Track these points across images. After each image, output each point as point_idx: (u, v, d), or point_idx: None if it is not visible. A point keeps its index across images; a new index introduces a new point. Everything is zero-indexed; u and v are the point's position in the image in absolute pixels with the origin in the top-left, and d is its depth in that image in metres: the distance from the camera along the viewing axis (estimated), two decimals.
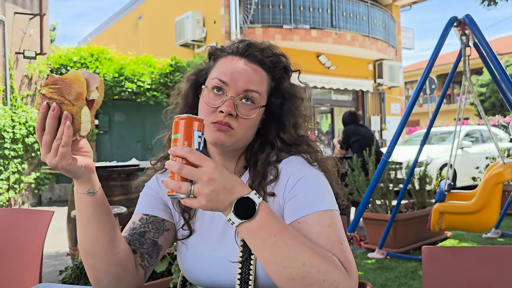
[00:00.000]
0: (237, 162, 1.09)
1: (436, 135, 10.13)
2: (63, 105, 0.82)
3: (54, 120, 0.82)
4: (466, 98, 4.07)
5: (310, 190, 0.96)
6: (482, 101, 19.40)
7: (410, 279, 3.51)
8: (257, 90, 1.02)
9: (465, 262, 1.23)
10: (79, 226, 0.94)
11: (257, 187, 1.02)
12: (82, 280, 2.30)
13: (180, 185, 0.78)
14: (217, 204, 0.79)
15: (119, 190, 3.74)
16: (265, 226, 0.81)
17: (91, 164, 0.91)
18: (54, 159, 0.83)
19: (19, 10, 8.67)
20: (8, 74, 8.30)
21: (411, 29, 16.42)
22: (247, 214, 0.80)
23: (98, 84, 0.86)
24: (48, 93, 0.83)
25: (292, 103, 1.09)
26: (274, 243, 0.81)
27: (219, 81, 1.01)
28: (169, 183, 0.79)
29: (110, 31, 17.10)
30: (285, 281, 0.81)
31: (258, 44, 1.07)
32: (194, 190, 0.77)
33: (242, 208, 0.80)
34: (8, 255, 1.63)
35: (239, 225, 0.81)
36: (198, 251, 1.06)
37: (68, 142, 0.82)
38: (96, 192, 0.92)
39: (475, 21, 3.54)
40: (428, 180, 4.76)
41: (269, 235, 0.81)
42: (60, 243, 4.77)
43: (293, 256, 0.80)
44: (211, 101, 1.01)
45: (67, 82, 0.83)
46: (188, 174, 0.77)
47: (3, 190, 7.89)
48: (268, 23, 11.20)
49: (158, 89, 9.54)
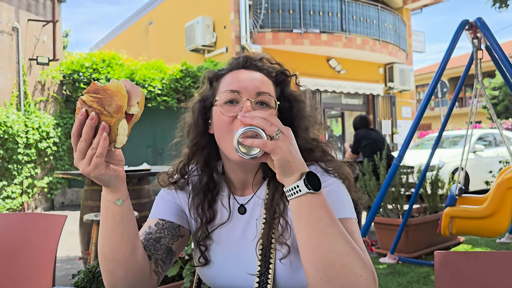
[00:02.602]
0: (256, 174, 1.08)
1: (448, 139, 10.03)
2: (102, 115, 0.81)
3: (91, 129, 0.81)
4: (478, 101, 4.02)
5: (330, 198, 0.95)
6: (495, 104, 19.19)
7: (423, 285, 3.48)
8: (268, 91, 1.02)
9: (479, 267, 1.22)
10: (102, 232, 0.94)
11: (278, 200, 1.01)
12: (94, 284, 2.32)
13: (272, 121, 0.82)
14: (293, 159, 0.82)
15: (131, 194, 3.68)
16: (325, 205, 0.84)
17: (123, 174, 0.91)
18: (87, 168, 0.83)
19: (33, 17, 8.80)
20: (22, 80, 8.42)
21: (422, 32, 16.30)
22: (316, 185, 0.83)
23: (139, 99, 0.85)
24: (88, 101, 0.82)
25: (299, 106, 1.09)
26: (329, 224, 0.82)
27: (231, 92, 1.00)
28: (255, 141, 0.82)
29: (122, 37, 17.26)
30: (323, 266, 0.80)
31: (254, 56, 1.09)
32: (280, 134, 0.82)
33: (313, 180, 0.83)
34: (22, 259, 1.65)
35: (302, 195, 0.83)
36: (217, 263, 1.07)
37: (103, 153, 0.82)
38: (124, 201, 0.92)
39: (486, 24, 3.51)
40: (440, 184, 4.71)
41: (326, 214, 0.83)
42: (72, 247, 4.81)
43: (341, 242, 0.81)
44: (228, 111, 0.99)
45: (109, 93, 0.82)
46: (276, 121, 0.83)
47: (16, 195, 7.98)
48: (278, 28, 11.21)
49: (169, 94, 9.59)
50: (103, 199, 0.92)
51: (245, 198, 1.09)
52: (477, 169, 8.18)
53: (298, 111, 1.08)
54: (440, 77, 3.71)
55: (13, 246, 1.67)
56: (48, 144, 8.51)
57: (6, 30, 8.34)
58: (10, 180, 7.97)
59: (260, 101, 1.00)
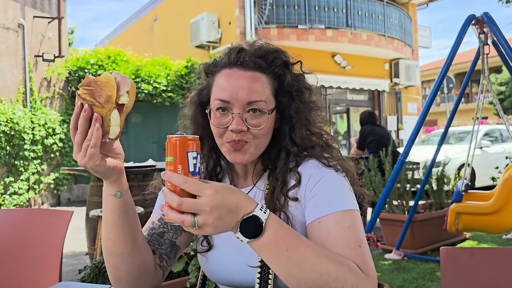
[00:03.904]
0: (255, 166, 1.09)
1: (454, 135, 9.98)
2: (94, 107, 0.84)
3: (85, 121, 0.83)
4: (484, 97, 3.99)
5: (331, 189, 0.95)
6: (502, 100, 19.06)
7: (428, 281, 3.47)
8: (260, 99, 0.98)
9: (485, 264, 1.21)
10: (104, 226, 0.95)
11: (278, 194, 1.01)
12: (100, 279, 2.33)
13: (183, 219, 0.73)
14: (224, 228, 0.76)
15: (136, 190, 3.76)
16: (275, 242, 0.78)
17: (121, 166, 0.92)
18: (83, 159, 0.85)
19: (38, 14, 8.83)
20: (28, 77, 8.46)
21: (428, 28, 16.19)
22: (254, 233, 0.77)
23: (128, 88, 0.87)
24: (82, 94, 0.84)
25: (300, 98, 1.05)
26: (288, 257, 0.78)
27: (221, 101, 0.98)
28: (169, 214, 0.74)
29: (127, 33, 17.29)
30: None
31: (249, 47, 1.03)
32: (198, 222, 0.73)
33: (248, 227, 0.76)
34: (29, 254, 1.66)
35: (248, 242, 0.78)
36: (217, 259, 1.07)
37: (97, 143, 0.83)
38: (123, 194, 0.93)
39: (493, 19, 3.48)
40: (446, 181, 4.69)
41: (280, 250, 0.78)
42: (78, 242, 4.84)
43: (308, 268, 0.78)
44: (219, 121, 1.00)
45: (99, 84, 0.84)
46: (189, 208, 0.73)
47: (23, 191, 8.04)
48: (283, 24, 11.18)
49: (174, 90, 9.61)
50: (103, 193, 0.94)
51: (245, 189, 1.09)
52: (483, 165, 8.13)
53: (298, 106, 1.04)
54: (446, 73, 3.68)
55: (19, 241, 1.69)
56: (54, 140, 8.56)
57: (12, 27, 8.37)
58: (17, 176, 8.02)
59: (252, 108, 0.98)
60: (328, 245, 0.86)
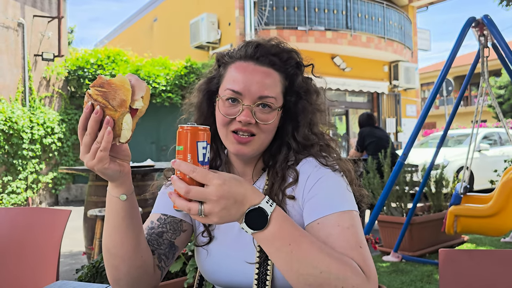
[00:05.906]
0: (256, 165, 1.09)
1: (453, 138, 10.00)
2: (106, 109, 0.81)
3: (95, 123, 0.81)
4: (483, 100, 3.99)
5: (330, 190, 0.95)
6: (501, 103, 19.09)
7: (426, 283, 3.47)
8: (272, 95, 1.00)
9: (483, 266, 1.21)
10: (107, 227, 0.94)
11: (277, 190, 1.01)
12: (98, 278, 2.32)
13: (190, 206, 0.74)
14: (230, 218, 0.77)
15: (135, 190, 3.76)
16: (278, 235, 0.79)
17: (128, 169, 0.91)
18: (91, 161, 0.83)
19: (38, 13, 8.82)
20: (27, 76, 8.45)
21: (428, 30, 16.24)
22: (259, 225, 0.78)
23: (143, 94, 0.84)
24: (94, 95, 0.82)
25: (307, 99, 1.07)
26: (290, 251, 0.78)
27: (233, 92, 0.99)
28: (177, 201, 0.76)
29: (126, 33, 17.29)
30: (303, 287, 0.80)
31: (266, 43, 1.04)
32: (204, 211, 0.75)
33: (254, 219, 0.78)
34: (26, 253, 1.66)
35: (252, 234, 0.79)
36: (216, 253, 1.06)
37: (107, 147, 0.82)
38: (129, 197, 0.92)
39: (493, 21, 3.48)
40: (444, 183, 4.70)
41: (283, 244, 0.79)
42: (76, 242, 4.83)
43: (310, 264, 0.78)
44: (227, 111, 1.00)
45: (113, 87, 0.81)
46: (196, 196, 0.74)
47: (21, 190, 8.02)
48: (282, 25, 11.19)
49: (173, 90, 9.61)
50: (108, 194, 0.92)
51: None
52: (482, 168, 8.14)
53: (304, 106, 1.06)
54: (446, 75, 3.68)
55: (17, 240, 1.68)
56: (53, 139, 8.54)
57: (11, 26, 8.36)
58: (15, 175, 8.01)
59: (262, 103, 0.99)
60: (328, 246, 0.86)
